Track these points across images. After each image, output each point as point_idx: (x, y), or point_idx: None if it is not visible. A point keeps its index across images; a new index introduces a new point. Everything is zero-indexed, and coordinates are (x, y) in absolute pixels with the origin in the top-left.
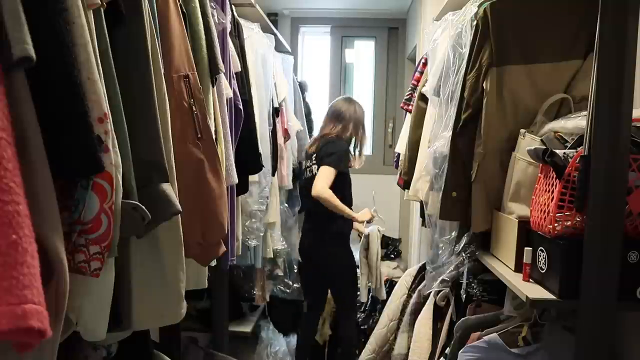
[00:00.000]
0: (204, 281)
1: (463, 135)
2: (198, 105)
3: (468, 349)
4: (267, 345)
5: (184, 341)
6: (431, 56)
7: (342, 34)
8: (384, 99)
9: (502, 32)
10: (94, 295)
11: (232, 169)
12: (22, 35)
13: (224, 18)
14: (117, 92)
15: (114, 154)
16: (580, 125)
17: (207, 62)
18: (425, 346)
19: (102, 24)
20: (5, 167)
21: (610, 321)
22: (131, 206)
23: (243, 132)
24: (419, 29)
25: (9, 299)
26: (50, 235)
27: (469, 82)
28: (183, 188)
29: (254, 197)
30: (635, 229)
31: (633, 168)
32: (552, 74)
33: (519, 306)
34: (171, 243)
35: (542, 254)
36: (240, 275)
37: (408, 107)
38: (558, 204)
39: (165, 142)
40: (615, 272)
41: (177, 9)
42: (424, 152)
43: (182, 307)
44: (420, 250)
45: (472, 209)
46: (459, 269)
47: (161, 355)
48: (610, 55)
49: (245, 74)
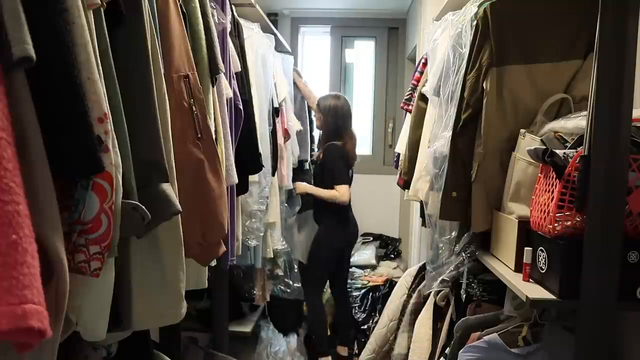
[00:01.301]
0: (204, 281)
1: (463, 135)
2: (198, 105)
3: (468, 349)
4: (267, 345)
5: (184, 341)
6: (431, 56)
7: (342, 34)
8: (384, 99)
9: (502, 32)
10: (94, 295)
11: (232, 169)
12: (22, 35)
13: (224, 18)
14: (117, 92)
15: (114, 154)
16: (580, 125)
17: (207, 62)
18: (425, 346)
19: (102, 24)
20: (5, 167)
21: (610, 321)
22: (131, 206)
23: (243, 132)
24: (419, 29)
25: (9, 299)
26: (50, 235)
27: (469, 82)
28: (183, 188)
29: (254, 197)
30: (635, 229)
31: (633, 168)
32: (552, 74)
33: (519, 306)
34: (171, 243)
35: (542, 254)
36: (240, 275)
37: (408, 107)
38: (558, 204)
39: (165, 142)
40: (615, 272)
41: (177, 9)
42: (424, 152)
43: (182, 307)
44: (420, 250)
45: (472, 209)
46: (459, 269)
47: (161, 355)
48: (610, 55)
49: (245, 74)
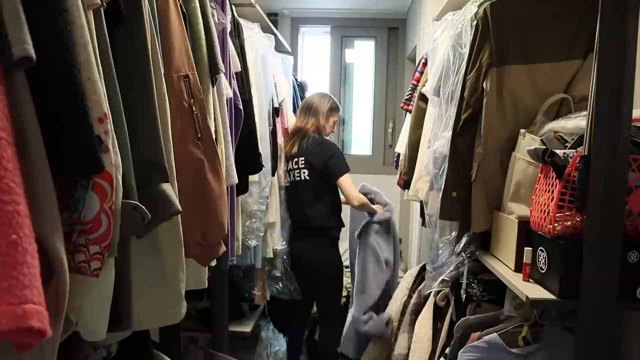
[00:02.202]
0: (204, 281)
1: (463, 135)
2: (198, 105)
3: (468, 349)
4: (267, 345)
5: (184, 341)
6: (431, 56)
7: (342, 34)
8: (384, 99)
9: (502, 32)
10: (94, 295)
11: (232, 169)
12: (22, 35)
13: (224, 18)
14: (117, 92)
15: (114, 154)
16: (580, 125)
17: (207, 62)
18: (426, 346)
19: (102, 24)
20: (5, 167)
21: (610, 321)
22: (131, 206)
23: (243, 132)
24: (419, 29)
25: (9, 299)
26: (50, 235)
27: (469, 82)
28: (183, 188)
29: (254, 197)
30: (635, 229)
31: (633, 168)
32: (552, 74)
33: (519, 306)
34: (171, 243)
35: (542, 254)
36: (240, 275)
37: (408, 107)
38: (558, 204)
39: (165, 142)
40: (615, 272)
41: (177, 9)
42: (424, 152)
43: (182, 307)
44: (421, 250)
45: (472, 209)
46: (459, 269)
47: (161, 355)
48: (610, 55)
49: (245, 74)
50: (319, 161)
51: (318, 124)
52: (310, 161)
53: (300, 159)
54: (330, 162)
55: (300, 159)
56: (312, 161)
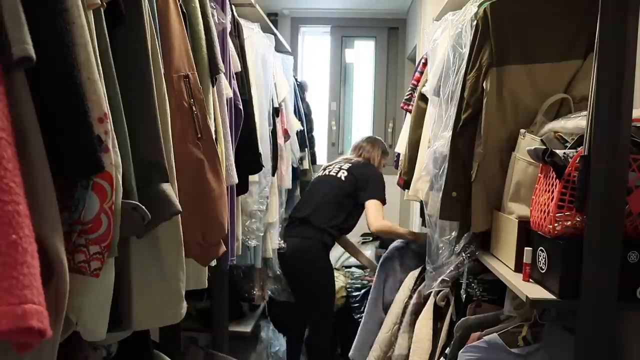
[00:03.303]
0: (204, 281)
1: (463, 135)
2: (198, 105)
3: (468, 349)
4: (267, 345)
5: (184, 341)
6: (431, 56)
7: (342, 34)
8: (384, 99)
9: (502, 32)
10: (94, 295)
11: (232, 169)
12: (22, 35)
13: (224, 18)
14: (117, 92)
15: (114, 154)
16: (580, 125)
17: (207, 62)
18: (426, 346)
19: (102, 24)
20: (5, 167)
21: (610, 321)
22: (131, 206)
23: (243, 132)
24: (419, 29)
25: (9, 299)
26: (50, 235)
27: (469, 82)
28: (183, 188)
29: (254, 197)
30: (635, 229)
31: (633, 168)
32: (552, 74)
33: (519, 306)
34: (171, 243)
35: (542, 254)
36: (240, 275)
37: (408, 107)
38: (558, 204)
39: (165, 142)
40: (615, 272)
41: (177, 9)
42: (424, 152)
43: (182, 307)
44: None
45: (472, 209)
46: (459, 269)
47: (161, 355)
48: (610, 55)
49: (245, 74)
50: (361, 176)
51: (370, 157)
52: (354, 172)
53: (346, 165)
54: (371, 181)
55: (346, 164)
56: (355, 172)
